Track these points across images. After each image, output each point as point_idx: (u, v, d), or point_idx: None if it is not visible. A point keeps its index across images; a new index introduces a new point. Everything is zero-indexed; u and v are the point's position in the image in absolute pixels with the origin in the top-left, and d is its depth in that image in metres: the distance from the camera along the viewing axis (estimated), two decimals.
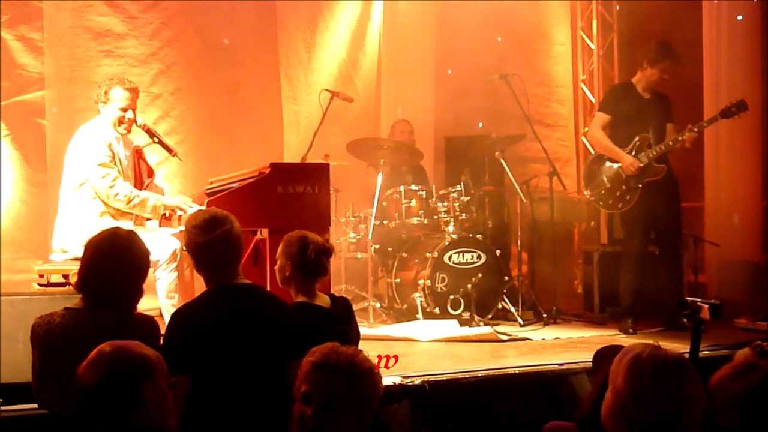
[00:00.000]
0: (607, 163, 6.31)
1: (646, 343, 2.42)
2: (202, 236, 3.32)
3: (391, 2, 7.97)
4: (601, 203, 6.44)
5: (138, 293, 3.40)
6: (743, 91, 7.12)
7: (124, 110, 5.09)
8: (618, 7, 8.84)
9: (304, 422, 2.54)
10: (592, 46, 8.91)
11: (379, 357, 4.89)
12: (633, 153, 6.17)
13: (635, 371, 2.31)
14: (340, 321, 3.75)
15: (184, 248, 3.44)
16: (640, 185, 6.16)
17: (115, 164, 4.97)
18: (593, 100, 8.91)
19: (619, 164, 6.21)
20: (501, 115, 7.67)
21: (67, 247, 4.91)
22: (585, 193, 6.56)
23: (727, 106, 6.10)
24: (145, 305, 3.60)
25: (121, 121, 5.09)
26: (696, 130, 6.11)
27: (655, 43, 6.36)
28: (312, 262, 3.72)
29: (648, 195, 6.17)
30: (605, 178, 6.30)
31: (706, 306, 3.26)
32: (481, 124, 8.03)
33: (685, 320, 5.78)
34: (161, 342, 3.25)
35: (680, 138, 6.10)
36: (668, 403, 2.27)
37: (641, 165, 6.12)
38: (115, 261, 3.30)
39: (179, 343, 3.16)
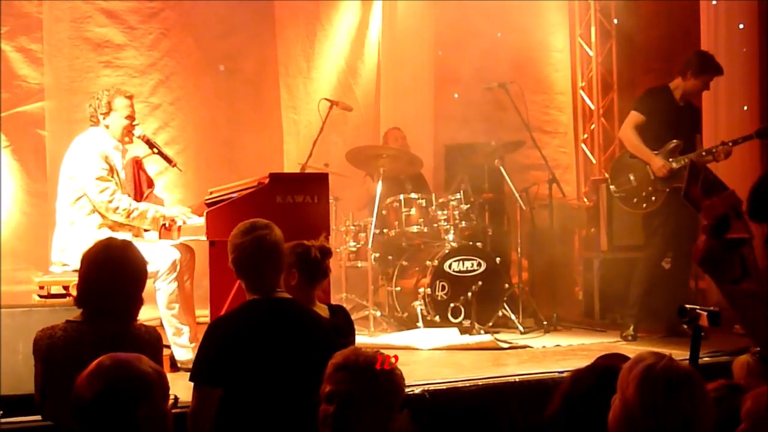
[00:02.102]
0: (636, 162, 6.24)
1: (658, 353, 2.37)
2: (238, 237, 3.31)
3: (390, 11, 7.99)
4: (625, 201, 6.39)
5: (137, 303, 3.36)
6: (741, 97, 7.12)
7: (131, 118, 5.07)
8: (616, 21, 8.83)
9: (327, 421, 2.67)
10: (591, 53, 8.92)
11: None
12: (665, 157, 6.13)
13: (647, 383, 2.26)
14: (341, 331, 3.74)
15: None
16: (668, 189, 6.12)
17: (112, 177, 4.91)
18: (592, 107, 8.92)
19: (649, 165, 6.18)
20: (500, 122, 7.68)
21: (67, 260, 4.87)
22: (611, 188, 6.48)
23: (764, 126, 6.11)
24: (145, 315, 3.59)
25: (129, 130, 5.06)
26: (730, 144, 6.10)
27: (700, 54, 6.32)
28: (318, 262, 3.75)
29: (674, 200, 6.12)
30: (632, 177, 6.23)
31: (705, 313, 3.25)
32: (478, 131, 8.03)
33: (685, 327, 5.77)
34: (163, 353, 3.24)
35: (714, 150, 6.08)
36: (678, 418, 2.23)
37: (673, 168, 6.11)
38: (110, 272, 3.27)
39: (214, 354, 3.15)
